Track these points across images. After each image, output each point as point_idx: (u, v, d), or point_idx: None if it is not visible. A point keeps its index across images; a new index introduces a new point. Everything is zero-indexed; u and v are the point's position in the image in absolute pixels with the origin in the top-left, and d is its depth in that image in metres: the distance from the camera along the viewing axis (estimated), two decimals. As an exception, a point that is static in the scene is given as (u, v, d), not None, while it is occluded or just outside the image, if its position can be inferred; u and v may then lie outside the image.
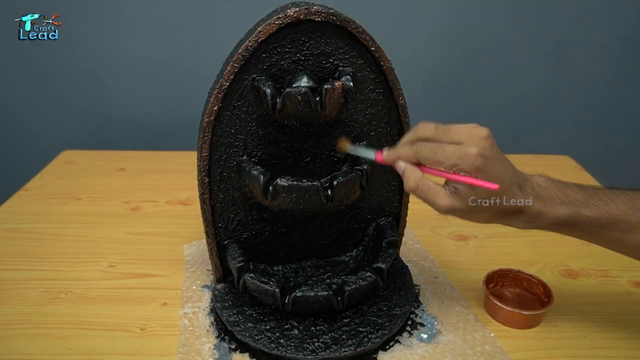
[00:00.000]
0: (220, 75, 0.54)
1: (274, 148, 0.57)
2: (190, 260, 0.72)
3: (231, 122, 0.55)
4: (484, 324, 0.60)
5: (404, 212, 0.66)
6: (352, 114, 0.57)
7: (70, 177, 0.97)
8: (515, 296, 0.65)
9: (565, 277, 0.70)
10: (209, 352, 0.55)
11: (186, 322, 0.60)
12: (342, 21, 0.52)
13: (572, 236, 0.51)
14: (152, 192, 0.91)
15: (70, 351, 0.56)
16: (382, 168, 0.61)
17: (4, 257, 0.72)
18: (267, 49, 0.52)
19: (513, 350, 0.57)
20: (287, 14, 0.50)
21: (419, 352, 0.56)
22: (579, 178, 1.00)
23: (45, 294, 0.65)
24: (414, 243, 0.77)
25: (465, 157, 0.45)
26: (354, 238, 0.66)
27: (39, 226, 0.80)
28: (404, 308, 0.60)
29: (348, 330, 0.56)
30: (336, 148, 0.57)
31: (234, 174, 0.57)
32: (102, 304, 0.63)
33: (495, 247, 0.77)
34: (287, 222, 0.62)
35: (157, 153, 1.09)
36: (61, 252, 0.74)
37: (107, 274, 0.69)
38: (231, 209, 0.59)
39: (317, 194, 0.53)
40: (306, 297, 0.54)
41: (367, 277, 0.56)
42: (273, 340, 0.55)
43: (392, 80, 0.56)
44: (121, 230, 0.79)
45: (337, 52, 0.54)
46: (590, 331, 0.60)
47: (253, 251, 0.62)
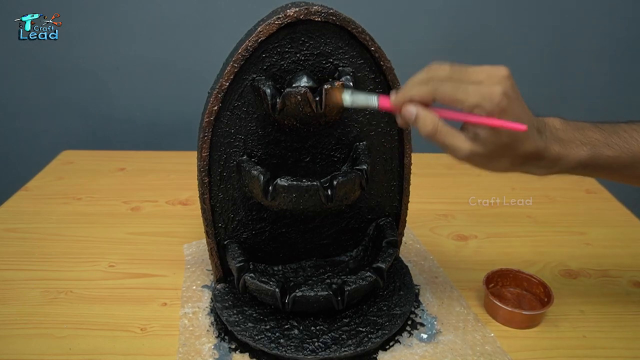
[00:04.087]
0: (220, 75, 0.54)
1: (274, 148, 0.57)
2: (190, 260, 0.72)
3: (231, 122, 0.55)
4: (484, 324, 0.60)
5: (404, 212, 0.66)
6: (352, 114, 0.57)
7: (70, 177, 0.97)
8: (515, 296, 0.65)
9: (565, 277, 0.70)
10: (209, 352, 0.56)
11: (186, 322, 0.60)
12: (342, 21, 0.52)
13: (592, 177, 0.49)
14: (152, 192, 0.91)
15: (70, 351, 0.56)
16: (382, 168, 0.61)
17: (4, 257, 0.72)
18: (267, 49, 0.52)
19: (513, 350, 0.57)
20: (287, 14, 0.50)
21: (419, 352, 0.56)
22: (579, 178, 1.00)
23: (45, 294, 0.65)
24: (414, 243, 0.77)
25: (490, 96, 0.41)
26: (354, 238, 0.66)
27: (39, 226, 0.80)
28: (404, 308, 0.60)
29: (348, 330, 0.56)
30: (328, 103, 0.50)
31: (234, 174, 0.57)
32: (102, 304, 0.63)
33: (495, 247, 0.77)
34: (287, 222, 0.62)
35: (157, 153, 1.09)
36: (61, 252, 0.74)
37: (107, 274, 0.69)
38: (231, 209, 0.59)
39: (317, 194, 0.53)
40: (306, 297, 0.54)
41: (367, 277, 0.56)
42: (273, 340, 0.55)
43: (392, 80, 0.56)
44: (121, 230, 0.79)
45: (337, 52, 0.54)
46: (590, 331, 0.60)
47: (253, 251, 0.62)
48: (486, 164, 0.46)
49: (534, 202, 0.90)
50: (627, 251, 0.76)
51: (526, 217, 0.85)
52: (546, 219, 0.85)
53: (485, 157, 0.44)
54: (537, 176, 0.48)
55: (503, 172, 0.47)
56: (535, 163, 0.47)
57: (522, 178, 1.03)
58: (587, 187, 0.96)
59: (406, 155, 0.62)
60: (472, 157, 0.44)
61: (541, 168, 0.47)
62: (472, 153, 0.44)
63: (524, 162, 0.46)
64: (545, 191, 0.94)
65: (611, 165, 0.47)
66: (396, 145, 0.61)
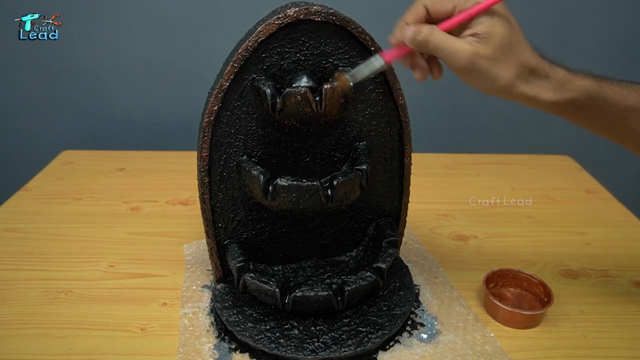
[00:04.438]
0: (220, 75, 0.54)
1: (274, 148, 0.57)
2: (190, 260, 0.72)
3: (231, 122, 0.55)
4: (484, 324, 0.60)
5: (404, 212, 0.66)
6: (352, 114, 0.57)
7: (70, 177, 0.97)
8: (515, 296, 0.65)
9: (565, 277, 0.70)
10: (209, 352, 0.56)
11: (186, 322, 0.60)
12: (342, 21, 0.52)
13: (597, 124, 0.49)
14: (152, 192, 0.91)
15: (70, 351, 0.56)
16: (382, 168, 0.61)
17: (4, 257, 0.72)
18: (267, 49, 0.52)
19: (513, 350, 0.57)
20: (287, 14, 0.50)
21: (419, 352, 0.56)
22: (579, 178, 1.00)
23: (45, 294, 0.65)
24: (414, 243, 0.77)
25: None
26: (353, 238, 0.66)
27: (39, 226, 0.80)
28: (404, 308, 0.60)
29: (348, 330, 0.56)
30: (338, 87, 0.50)
31: (234, 174, 0.57)
32: (102, 304, 0.63)
33: (495, 247, 0.77)
34: (287, 222, 0.62)
35: (157, 153, 1.09)
36: (61, 252, 0.74)
37: (107, 274, 0.69)
38: (231, 209, 0.59)
39: (317, 194, 0.53)
40: (306, 297, 0.54)
41: (367, 277, 0.56)
42: (273, 340, 0.55)
43: (392, 80, 0.56)
44: (121, 230, 0.79)
45: (337, 52, 0.54)
46: (590, 331, 0.60)
47: (253, 251, 0.62)
48: (491, 68, 0.44)
49: (534, 202, 0.90)
50: (627, 251, 0.76)
51: (526, 217, 0.85)
52: (546, 219, 0.85)
53: (489, 58, 0.43)
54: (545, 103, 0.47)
55: (508, 83, 0.45)
56: (542, 82, 0.46)
57: (522, 178, 1.03)
58: (587, 187, 0.96)
59: (406, 155, 0.62)
60: (474, 60, 0.43)
61: (548, 90, 0.46)
62: (474, 54, 0.43)
63: (530, 76, 0.46)
64: (545, 191, 0.94)
65: (617, 104, 0.46)
66: (396, 145, 0.61)
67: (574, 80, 0.46)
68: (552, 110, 0.49)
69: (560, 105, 0.47)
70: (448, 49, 0.44)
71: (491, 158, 1.08)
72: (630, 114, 0.47)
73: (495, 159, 1.08)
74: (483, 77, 0.45)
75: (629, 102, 0.47)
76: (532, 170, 1.03)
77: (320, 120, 0.55)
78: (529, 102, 0.48)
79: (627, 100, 0.47)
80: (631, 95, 0.47)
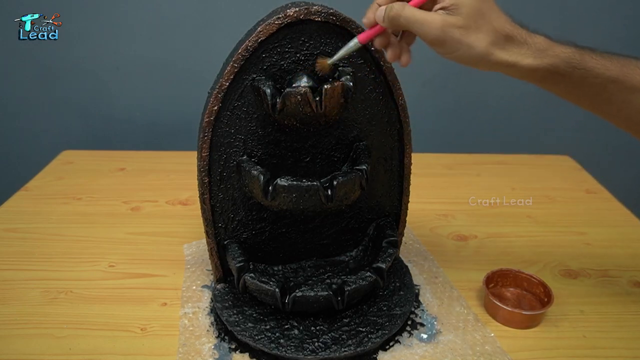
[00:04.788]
0: (220, 75, 0.54)
1: (274, 148, 0.57)
2: (190, 260, 0.72)
3: (231, 122, 0.55)
4: (484, 324, 0.60)
5: (404, 212, 0.66)
6: (352, 114, 0.57)
7: (70, 177, 0.97)
8: (515, 296, 0.65)
9: (565, 277, 0.70)
10: (209, 352, 0.56)
11: (186, 322, 0.60)
12: (342, 21, 0.52)
13: (578, 93, 0.48)
14: (152, 192, 0.91)
15: (70, 351, 0.56)
16: (382, 168, 0.61)
17: (4, 257, 0.72)
18: (267, 49, 0.52)
19: (513, 350, 0.57)
20: (287, 14, 0.50)
21: (419, 352, 0.56)
22: (579, 178, 1.00)
23: (45, 294, 0.65)
24: (414, 243, 0.77)
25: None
26: (354, 238, 0.66)
27: (39, 226, 0.80)
28: (404, 308, 0.60)
29: (348, 330, 0.56)
30: (317, 68, 0.53)
31: (234, 174, 0.57)
32: (102, 304, 0.63)
33: (495, 247, 0.77)
34: (287, 222, 0.62)
35: (157, 153, 1.09)
36: (61, 252, 0.74)
37: (107, 274, 0.69)
38: (231, 209, 0.59)
39: (317, 194, 0.53)
40: (306, 297, 0.54)
41: (367, 277, 0.56)
42: (273, 340, 0.55)
43: (392, 80, 0.56)
44: (121, 230, 0.79)
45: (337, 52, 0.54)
46: (590, 331, 0.60)
47: (253, 251, 0.62)
48: (463, 36, 0.44)
49: (534, 202, 0.90)
50: (627, 251, 0.76)
51: (526, 217, 0.85)
52: (546, 219, 0.85)
53: (460, 27, 0.44)
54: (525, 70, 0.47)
55: (486, 56, 0.45)
56: (520, 49, 0.46)
57: (522, 178, 1.03)
58: (587, 187, 0.96)
59: (406, 155, 0.62)
60: (446, 29, 0.44)
61: (527, 57, 0.46)
62: (445, 23, 0.44)
63: (507, 43, 0.45)
64: (545, 191, 0.94)
65: (599, 72, 0.47)
66: (396, 145, 0.61)
67: (554, 47, 0.46)
68: (533, 77, 0.48)
69: (541, 71, 0.47)
70: (419, 21, 0.44)
71: (491, 158, 1.08)
72: (611, 85, 0.47)
73: (495, 159, 1.08)
74: (457, 46, 0.45)
75: (611, 73, 0.47)
76: (532, 170, 1.03)
77: (320, 120, 0.55)
78: (509, 70, 0.47)
79: (608, 71, 0.47)
80: (613, 66, 0.47)
